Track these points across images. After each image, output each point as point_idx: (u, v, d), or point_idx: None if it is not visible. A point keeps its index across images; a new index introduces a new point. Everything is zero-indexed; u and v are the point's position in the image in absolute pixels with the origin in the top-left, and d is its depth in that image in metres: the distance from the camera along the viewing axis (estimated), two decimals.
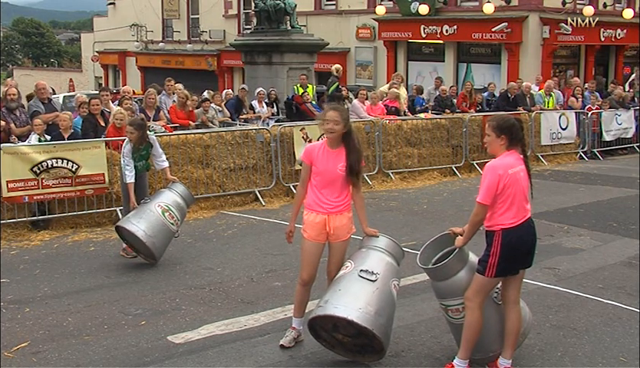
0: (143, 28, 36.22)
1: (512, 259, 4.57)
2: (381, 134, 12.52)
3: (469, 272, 4.72)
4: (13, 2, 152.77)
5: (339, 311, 4.65)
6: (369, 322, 4.63)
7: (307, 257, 5.13)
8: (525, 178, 4.66)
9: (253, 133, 11.16)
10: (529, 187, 4.67)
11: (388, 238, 5.17)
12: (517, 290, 4.74)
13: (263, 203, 10.77)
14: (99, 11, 53.55)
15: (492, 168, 4.55)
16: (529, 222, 4.65)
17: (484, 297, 4.64)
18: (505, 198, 4.53)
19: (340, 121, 5.01)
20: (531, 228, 4.67)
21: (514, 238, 4.54)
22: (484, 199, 4.52)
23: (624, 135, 16.68)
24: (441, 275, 4.78)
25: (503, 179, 4.51)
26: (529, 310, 5.14)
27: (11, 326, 5.77)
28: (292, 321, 5.34)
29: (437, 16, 22.98)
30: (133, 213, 7.47)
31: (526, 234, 4.61)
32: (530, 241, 4.64)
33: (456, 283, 4.72)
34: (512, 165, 4.58)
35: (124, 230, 7.38)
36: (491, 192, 4.51)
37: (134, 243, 7.49)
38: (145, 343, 5.41)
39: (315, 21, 26.20)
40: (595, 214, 10.04)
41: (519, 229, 4.57)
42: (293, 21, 17.42)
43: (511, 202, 4.54)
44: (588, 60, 23.60)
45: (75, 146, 9.24)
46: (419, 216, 9.96)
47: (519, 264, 4.65)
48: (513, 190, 4.54)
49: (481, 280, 4.59)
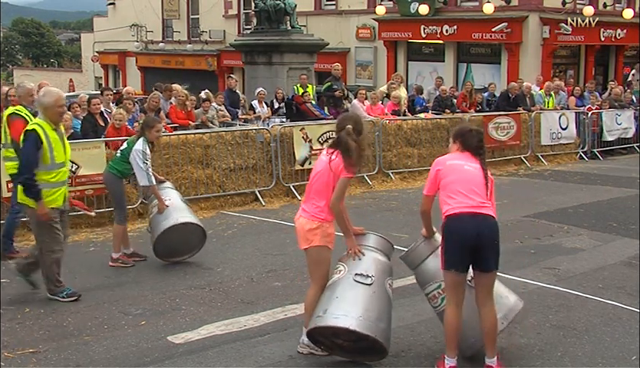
0: (143, 28, 36.23)
1: (456, 249, 4.60)
2: (381, 134, 12.52)
3: (436, 259, 4.92)
4: (13, 2, 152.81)
5: (340, 321, 4.63)
6: (371, 329, 4.63)
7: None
8: (475, 173, 4.75)
9: (253, 133, 11.16)
10: (482, 184, 4.72)
11: (376, 234, 5.17)
12: (484, 293, 4.70)
13: (263, 203, 10.77)
14: (99, 11, 53.53)
15: (434, 163, 4.93)
16: (473, 216, 4.60)
17: (453, 293, 4.69)
18: (444, 185, 4.76)
19: None
20: (473, 220, 4.58)
21: (453, 225, 4.63)
22: (425, 190, 4.93)
23: (624, 135, 16.67)
24: (411, 261, 5.15)
25: (442, 170, 4.80)
26: (514, 298, 5.13)
27: (11, 327, 5.77)
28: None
29: (437, 16, 22.98)
30: (184, 213, 7.48)
31: (468, 226, 4.58)
32: (474, 235, 4.55)
33: (426, 268, 5.04)
34: (455, 158, 4.85)
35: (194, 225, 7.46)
36: (430, 183, 4.86)
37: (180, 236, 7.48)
38: (145, 343, 5.41)
39: (315, 21, 26.20)
40: (595, 214, 10.04)
41: (459, 218, 4.61)
42: (293, 21, 17.43)
43: (450, 190, 4.71)
44: (588, 60, 23.61)
45: (75, 146, 9.19)
46: (419, 216, 9.90)
47: (467, 258, 4.61)
48: (452, 178, 4.73)
49: (443, 274, 4.77)
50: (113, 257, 7.60)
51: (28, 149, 6.12)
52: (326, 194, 4.91)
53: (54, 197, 6.21)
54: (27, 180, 6.09)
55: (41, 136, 6.08)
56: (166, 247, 7.43)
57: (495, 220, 4.68)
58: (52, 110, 6.18)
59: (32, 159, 6.08)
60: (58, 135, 6.27)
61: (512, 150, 14.66)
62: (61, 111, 6.31)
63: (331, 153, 4.95)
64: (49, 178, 6.18)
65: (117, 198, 7.65)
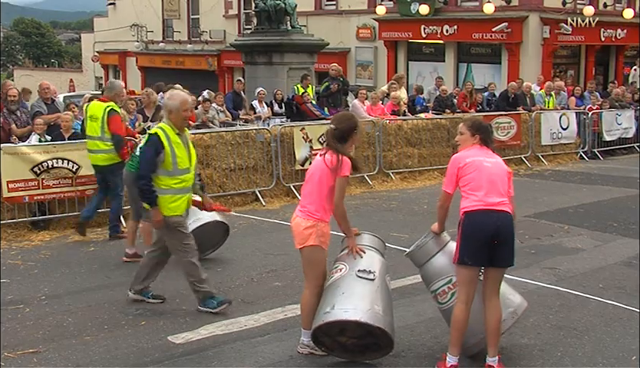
0: (143, 28, 36.23)
1: (474, 245, 4.64)
2: (381, 134, 12.52)
3: (446, 255, 4.96)
4: (13, 2, 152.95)
5: (350, 315, 4.65)
6: (380, 321, 4.68)
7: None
8: (496, 170, 4.80)
9: (253, 133, 11.16)
10: (503, 178, 4.80)
11: (370, 234, 5.20)
12: (492, 287, 4.77)
13: (264, 203, 10.77)
14: (99, 11, 53.52)
15: (452, 160, 4.95)
16: (494, 212, 4.67)
17: (465, 290, 4.72)
18: (466, 182, 4.77)
19: None
20: (494, 217, 4.65)
21: (472, 222, 4.68)
22: (445, 186, 4.91)
23: (624, 135, 16.67)
24: (419, 258, 5.12)
25: (462, 167, 4.81)
26: (519, 296, 5.17)
27: (11, 327, 5.77)
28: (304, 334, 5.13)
29: (437, 16, 22.98)
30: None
31: (487, 222, 4.64)
32: (491, 231, 4.61)
33: (435, 265, 5.03)
34: (474, 155, 4.86)
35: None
36: (450, 180, 4.86)
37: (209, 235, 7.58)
38: (145, 344, 5.41)
39: (316, 21, 26.20)
40: (596, 214, 10.04)
41: (478, 214, 4.67)
42: (293, 21, 17.43)
43: (471, 187, 4.74)
44: (589, 60, 23.61)
45: (75, 146, 9.23)
46: (419, 216, 9.95)
47: (484, 255, 4.65)
48: (472, 175, 4.75)
49: (455, 269, 4.80)
50: (129, 252, 7.63)
51: (146, 153, 5.88)
52: (322, 193, 4.91)
53: (176, 204, 5.85)
54: (142, 185, 5.82)
55: (162, 141, 5.76)
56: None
57: (511, 217, 4.75)
58: (177, 114, 5.82)
59: (149, 163, 5.80)
60: (182, 140, 5.87)
61: (513, 150, 14.66)
62: (186, 115, 5.89)
63: (324, 153, 4.98)
64: (172, 183, 5.82)
65: (134, 195, 7.63)
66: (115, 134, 8.19)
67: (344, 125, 4.99)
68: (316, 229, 4.92)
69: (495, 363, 4.73)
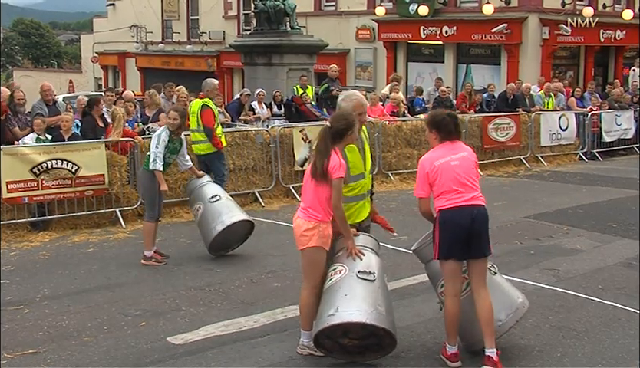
0: (142, 29, 36.19)
1: (451, 240, 4.78)
2: (381, 135, 12.53)
3: None
4: (13, 3, 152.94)
5: (355, 317, 4.65)
6: (384, 323, 4.70)
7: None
8: (464, 167, 4.88)
9: (253, 134, 11.16)
10: (471, 169, 4.91)
11: (364, 234, 5.21)
12: (478, 280, 4.87)
13: (263, 204, 10.77)
14: (99, 12, 53.47)
15: (420, 164, 5.00)
16: (466, 208, 4.81)
17: (452, 284, 4.86)
18: (438, 186, 4.87)
19: None
20: (467, 211, 4.80)
21: (448, 218, 4.81)
22: (416, 193, 5.02)
23: (624, 136, 16.67)
24: (425, 255, 5.17)
25: (431, 172, 4.88)
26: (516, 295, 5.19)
27: (10, 328, 5.77)
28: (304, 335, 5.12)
29: (436, 17, 22.98)
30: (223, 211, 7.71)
31: (461, 217, 4.79)
32: (466, 224, 4.77)
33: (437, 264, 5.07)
34: (441, 156, 4.90)
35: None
36: (421, 185, 4.95)
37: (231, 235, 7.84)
38: (145, 344, 5.41)
39: (315, 22, 26.19)
40: (595, 215, 10.04)
41: (453, 211, 4.80)
42: (293, 22, 17.43)
43: (443, 192, 4.86)
44: (588, 61, 23.59)
45: (75, 146, 9.24)
46: (419, 217, 9.85)
47: (462, 247, 4.79)
48: (442, 179, 4.85)
49: (440, 264, 4.91)
50: (147, 255, 7.57)
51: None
52: (321, 195, 4.91)
53: (349, 212, 5.17)
54: None
55: None
56: (220, 242, 7.79)
57: (485, 209, 4.90)
58: None
59: None
60: (357, 144, 5.23)
61: (512, 151, 14.67)
62: (362, 120, 5.33)
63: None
64: (345, 191, 5.07)
65: (148, 196, 7.71)
66: (205, 126, 9.19)
67: (340, 124, 4.96)
68: (318, 230, 4.92)
69: (494, 354, 4.74)
